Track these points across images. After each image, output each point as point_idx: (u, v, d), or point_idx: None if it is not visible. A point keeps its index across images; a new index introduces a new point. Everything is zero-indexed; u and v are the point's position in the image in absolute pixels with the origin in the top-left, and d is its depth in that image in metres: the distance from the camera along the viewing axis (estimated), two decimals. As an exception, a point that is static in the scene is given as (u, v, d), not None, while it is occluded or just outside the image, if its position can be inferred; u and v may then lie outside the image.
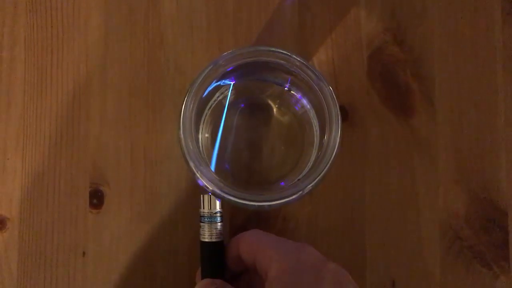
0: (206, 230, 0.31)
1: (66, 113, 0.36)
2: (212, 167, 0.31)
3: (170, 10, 0.36)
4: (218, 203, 0.31)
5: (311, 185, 0.26)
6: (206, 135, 0.33)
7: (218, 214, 0.31)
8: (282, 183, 0.33)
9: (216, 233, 0.31)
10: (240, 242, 0.30)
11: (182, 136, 0.27)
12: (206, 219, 0.31)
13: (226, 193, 0.26)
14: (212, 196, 0.30)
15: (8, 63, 0.36)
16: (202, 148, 0.32)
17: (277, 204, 0.27)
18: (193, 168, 0.27)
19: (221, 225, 0.31)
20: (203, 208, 0.31)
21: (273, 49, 0.27)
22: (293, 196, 0.27)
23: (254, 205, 0.27)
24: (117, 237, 0.35)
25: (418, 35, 0.36)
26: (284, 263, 0.27)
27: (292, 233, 0.35)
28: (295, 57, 0.27)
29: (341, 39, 0.36)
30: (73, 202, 0.36)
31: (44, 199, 0.36)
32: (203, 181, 0.27)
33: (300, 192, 0.26)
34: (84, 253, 0.35)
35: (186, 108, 0.27)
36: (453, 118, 0.36)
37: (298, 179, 0.27)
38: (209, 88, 0.28)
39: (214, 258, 0.31)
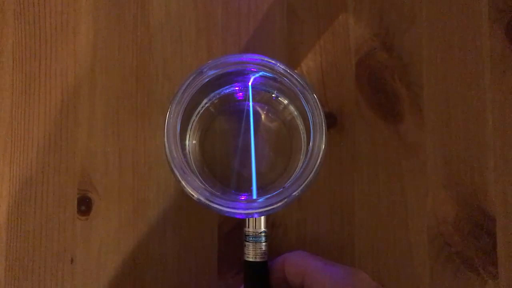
0: (251, 249, 0.30)
1: (54, 120, 0.36)
2: (254, 191, 0.31)
3: (159, 16, 0.36)
4: (263, 222, 0.31)
5: (296, 192, 0.26)
6: (194, 141, 0.33)
7: (263, 234, 0.31)
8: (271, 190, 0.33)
9: (260, 253, 0.30)
10: (286, 263, 0.30)
11: (166, 144, 0.27)
12: (251, 239, 0.31)
13: (212, 202, 0.26)
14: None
15: (-4, 70, 0.36)
16: (189, 155, 0.31)
17: (264, 211, 0.27)
18: (178, 177, 0.26)
19: (265, 245, 0.31)
20: (248, 227, 0.31)
21: (256, 57, 0.27)
22: (279, 203, 0.27)
23: (241, 213, 0.27)
24: (105, 244, 0.35)
25: (406, 41, 0.36)
26: None
27: (281, 240, 0.35)
28: (279, 65, 0.27)
29: (329, 45, 0.36)
30: (61, 209, 0.35)
31: (32, 205, 0.36)
32: (188, 189, 0.27)
33: (286, 200, 0.26)
34: (72, 260, 0.35)
35: (170, 116, 0.27)
36: (442, 124, 0.36)
37: (283, 187, 0.27)
38: (195, 95, 0.28)
39: (258, 278, 0.31)
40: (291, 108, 0.32)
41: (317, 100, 0.27)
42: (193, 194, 0.27)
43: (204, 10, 0.36)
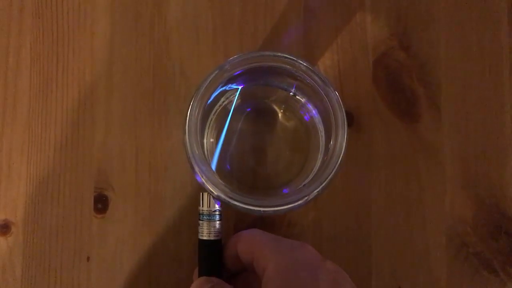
0: (205, 228, 0.31)
1: (72, 118, 0.36)
2: (214, 164, 0.31)
3: (176, 15, 0.36)
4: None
5: (316, 190, 0.26)
6: (211, 140, 0.33)
7: (217, 213, 0.31)
8: (287, 189, 0.33)
9: (214, 231, 0.31)
10: (238, 241, 0.30)
11: (187, 141, 0.27)
12: (205, 217, 0.31)
13: (232, 198, 0.26)
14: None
15: (14, 69, 0.36)
16: (207, 153, 0.31)
17: (282, 210, 0.27)
18: (198, 173, 0.26)
19: (219, 224, 0.31)
20: (202, 206, 0.31)
21: (279, 54, 0.27)
22: (299, 202, 0.27)
23: (259, 210, 0.27)
24: (121, 242, 0.35)
25: (424, 40, 0.36)
26: (281, 262, 0.27)
27: (297, 239, 0.35)
28: (300, 62, 0.27)
29: (346, 44, 0.36)
30: (77, 207, 0.36)
31: (48, 203, 0.36)
32: (208, 186, 0.27)
33: (306, 198, 0.26)
34: (88, 258, 0.35)
35: (192, 112, 0.27)
36: (459, 124, 0.36)
37: (304, 185, 0.27)
38: (215, 93, 0.28)
39: (212, 256, 0.31)
40: (309, 106, 0.32)
41: (339, 98, 0.27)
42: (213, 191, 0.27)
43: (220, 8, 0.36)
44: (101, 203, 0.35)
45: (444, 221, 0.35)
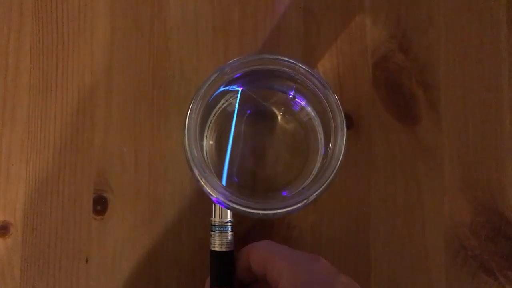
0: (217, 239, 0.31)
1: (71, 120, 0.36)
2: (224, 178, 0.31)
3: (176, 16, 0.36)
4: (229, 212, 0.31)
5: (316, 193, 0.26)
6: (211, 142, 0.33)
7: (229, 224, 0.31)
8: (286, 192, 0.33)
9: (226, 242, 0.31)
10: (251, 252, 0.29)
11: (186, 142, 0.27)
12: (217, 229, 0.31)
13: (231, 201, 0.26)
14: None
15: (14, 70, 0.36)
16: (206, 155, 0.31)
17: (281, 212, 0.27)
18: (197, 176, 0.26)
19: (231, 235, 0.31)
20: (214, 217, 0.31)
21: (278, 57, 0.27)
22: (298, 205, 0.27)
23: (259, 213, 0.27)
24: (120, 244, 0.35)
25: (423, 43, 0.36)
26: (296, 275, 0.26)
27: (296, 241, 0.35)
28: (300, 65, 0.27)
29: (346, 47, 0.36)
30: (76, 209, 0.36)
31: (47, 205, 0.36)
32: (207, 189, 0.27)
33: (305, 201, 0.26)
34: (87, 260, 0.35)
35: (191, 114, 0.27)
36: (459, 126, 0.36)
37: (303, 187, 0.27)
38: (214, 95, 0.28)
39: (224, 267, 0.31)
40: (308, 109, 0.32)
41: (338, 101, 0.27)
42: (212, 193, 0.27)
43: (220, 10, 0.36)
44: (100, 205, 0.35)
45: (443, 224, 0.35)
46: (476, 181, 0.35)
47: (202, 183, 0.26)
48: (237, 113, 0.33)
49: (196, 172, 0.26)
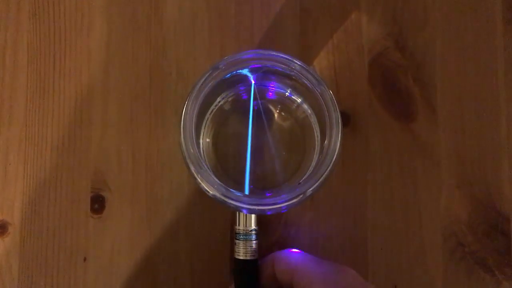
0: (241, 247, 0.30)
1: (68, 118, 0.36)
2: (247, 187, 0.31)
3: (172, 15, 0.37)
4: (253, 220, 0.31)
5: (311, 188, 0.26)
6: (207, 139, 0.33)
7: (254, 232, 0.31)
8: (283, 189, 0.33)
9: (251, 251, 0.30)
10: (277, 261, 0.30)
11: (182, 139, 0.27)
12: (241, 237, 0.30)
13: (227, 197, 0.26)
14: (247, 214, 0.30)
15: (11, 68, 0.37)
16: (203, 153, 0.32)
17: (278, 208, 0.27)
18: (194, 172, 0.26)
19: (256, 243, 0.31)
20: (239, 225, 0.31)
21: (273, 53, 0.27)
22: (294, 200, 0.27)
23: (255, 209, 0.27)
24: (118, 242, 0.35)
25: (419, 40, 0.36)
26: (325, 287, 0.26)
27: (293, 239, 0.35)
28: (295, 61, 0.28)
29: (342, 45, 0.36)
30: (74, 207, 0.36)
31: (45, 204, 0.36)
32: (203, 185, 0.27)
33: (301, 196, 0.26)
34: (85, 259, 0.35)
35: (187, 111, 0.27)
36: (455, 124, 0.36)
37: (299, 183, 0.27)
38: (210, 93, 0.28)
39: (248, 276, 0.31)
40: (305, 106, 0.32)
41: (333, 97, 0.27)
42: (209, 190, 0.27)
43: (217, 8, 0.37)
44: (97, 203, 0.36)
45: (440, 221, 0.35)
46: (473, 178, 0.35)
47: (199, 179, 0.27)
48: (235, 110, 0.33)
49: (193, 168, 0.27)
